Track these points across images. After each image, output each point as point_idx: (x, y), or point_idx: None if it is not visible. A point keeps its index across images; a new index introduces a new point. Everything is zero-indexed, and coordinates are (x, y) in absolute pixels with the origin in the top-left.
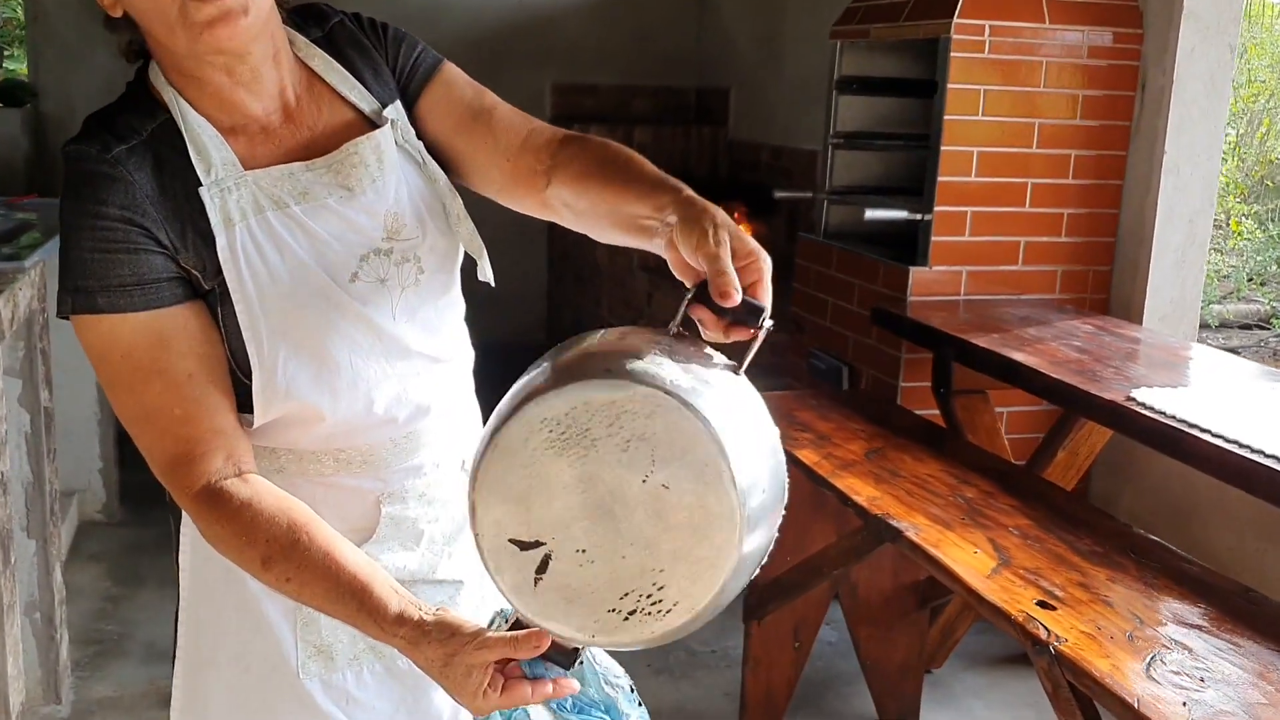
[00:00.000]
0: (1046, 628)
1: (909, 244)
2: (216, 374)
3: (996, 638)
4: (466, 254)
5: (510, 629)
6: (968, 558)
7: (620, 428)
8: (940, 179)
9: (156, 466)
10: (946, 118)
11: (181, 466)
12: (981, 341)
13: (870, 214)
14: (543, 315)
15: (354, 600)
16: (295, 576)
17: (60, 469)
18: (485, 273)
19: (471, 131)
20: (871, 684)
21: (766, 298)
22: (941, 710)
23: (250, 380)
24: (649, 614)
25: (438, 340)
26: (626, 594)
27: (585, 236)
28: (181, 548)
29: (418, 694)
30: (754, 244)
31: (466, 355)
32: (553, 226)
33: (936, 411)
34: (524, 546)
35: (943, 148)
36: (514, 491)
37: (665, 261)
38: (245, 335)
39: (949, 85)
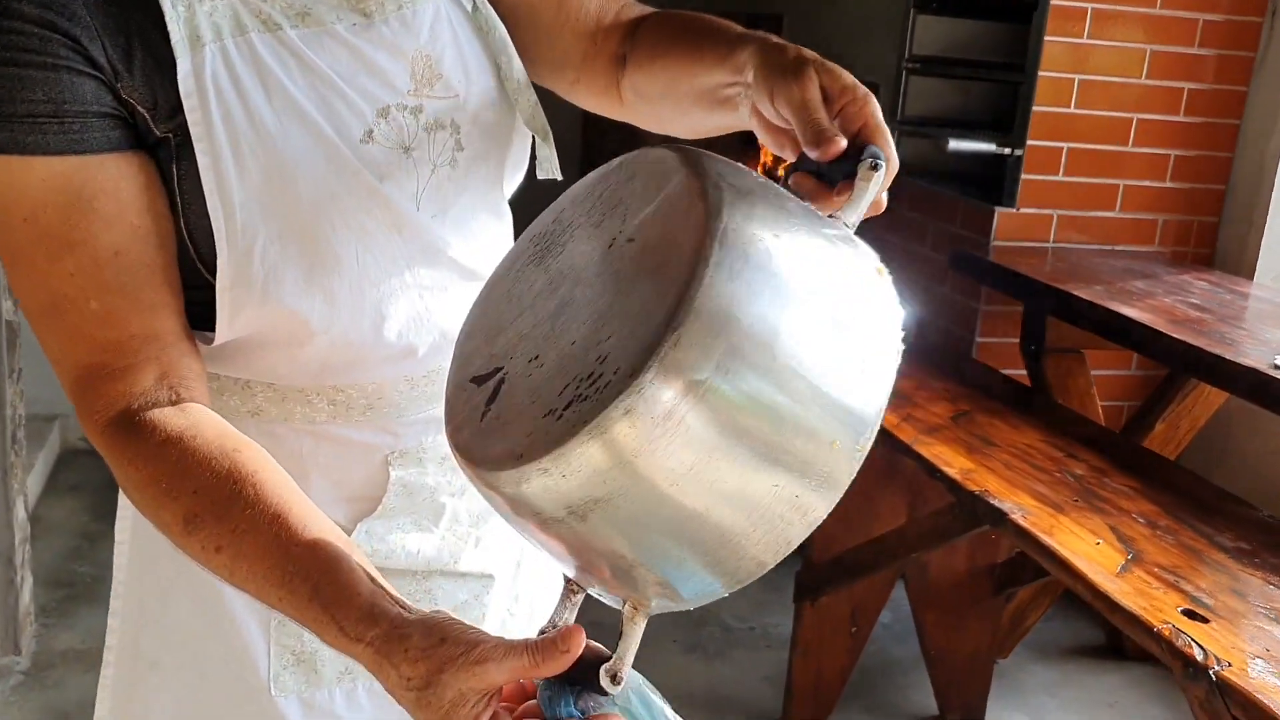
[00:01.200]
0: (1201, 646)
1: (990, 184)
2: (158, 258)
3: (1069, 625)
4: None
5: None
6: (1089, 550)
7: (598, 202)
8: (1035, 109)
9: (65, 382)
10: (1047, 39)
11: (95, 382)
12: (1084, 294)
13: (954, 144)
14: (577, 170)
15: (306, 584)
16: (229, 545)
17: (40, 392)
18: (549, 166)
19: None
20: (935, 675)
21: (879, 137)
22: (1008, 706)
23: (212, 274)
24: (585, 399)
25: (476, 250)
26: (566, 385)
27: (625, 148)
28: (120, 510)
29: None
30: (850, 78)
31: None
32: (587, 133)
33: (1017, 371)
34: (481, 379)
35: (1040, 73)
36: (486, 322)
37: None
38: (210, 205)
39: (1051, 2)
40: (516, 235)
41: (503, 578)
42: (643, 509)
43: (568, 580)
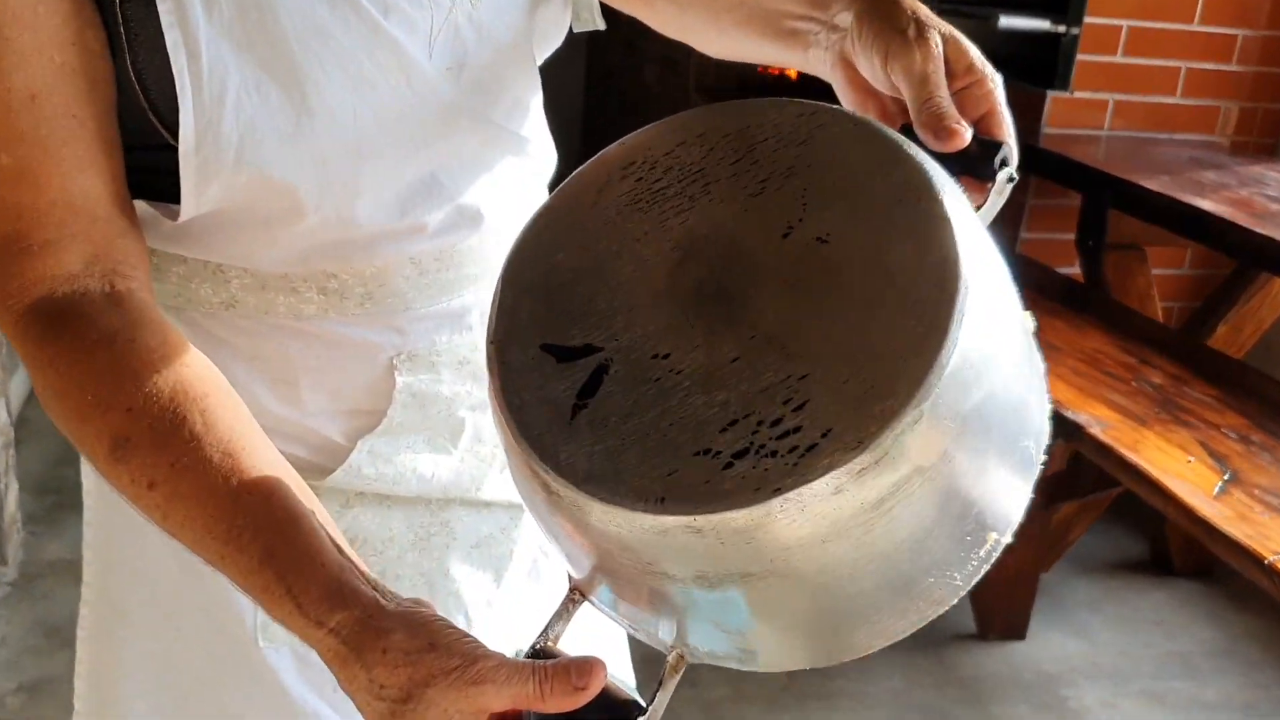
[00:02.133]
0: None
1: (1042, 66)
2: (87, 107)
3: (1112, 539)
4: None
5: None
6: (1181, 468)
7: (753, 163)
8: None
9: None
10: None
11: (6, 259)
12: (1151, 184)
13: (1005, 22)
14: (577, 151)
15: (257, 543)
16: (165, 481)
17: None
18: (590, 15)
19: None
20: (976, 593)
21: (1006, 132)
22: (1049, 623)
23: (173, 133)
24: (771, 455)
25: (499, 107)
26: (734, 422)
27: (632, 52)
28: None
29: None
30: (978, 54)
31: (546, 153)
32: (593, 38)
33: (1066, 269)
34: (565, 355)
35: None
36: (563, 271)
37: (758, 80)
38: (169, 41)
39: None
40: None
41: None
42: (789, 593)
43: (573, 588)
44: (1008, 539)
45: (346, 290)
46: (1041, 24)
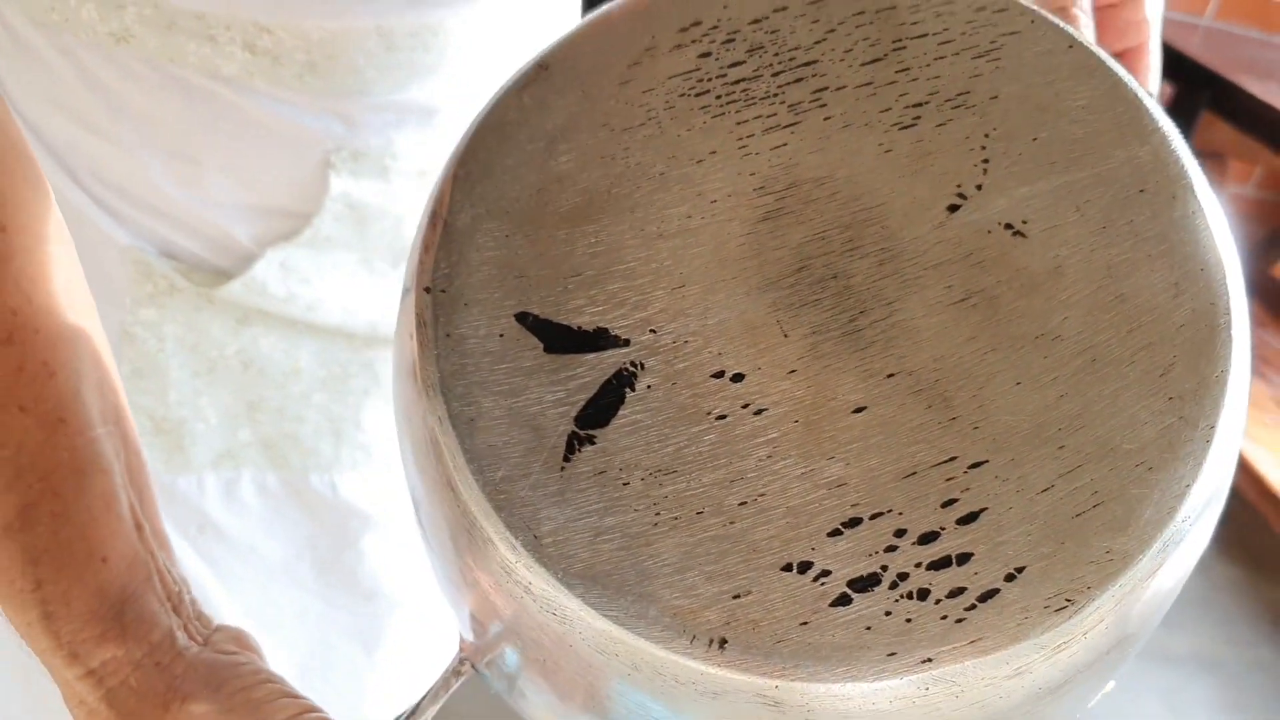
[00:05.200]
0: None
1: None
2: None
3: None
4: None
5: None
6: (1261, 431)
7: (901, 70)
8: None
9: None
10: None
11: None
12: (1260, 91)
13: None
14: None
15: (9, 496)
16: None
17: None
18: None
19: None
20: None
21: (1151, 75)
22: None
23: None
24: (920, 594)
25: None
26: (855, 522)
27: None
28: None
29: (338, 536)
30: None
31: None
32: None
33: None
34: (563, 341)
35: None
36: (567, 190)
37: None
38: None
39: None
40: None
41: None
42: None
43: (461, 658)
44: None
45: (283, 54)
46: None
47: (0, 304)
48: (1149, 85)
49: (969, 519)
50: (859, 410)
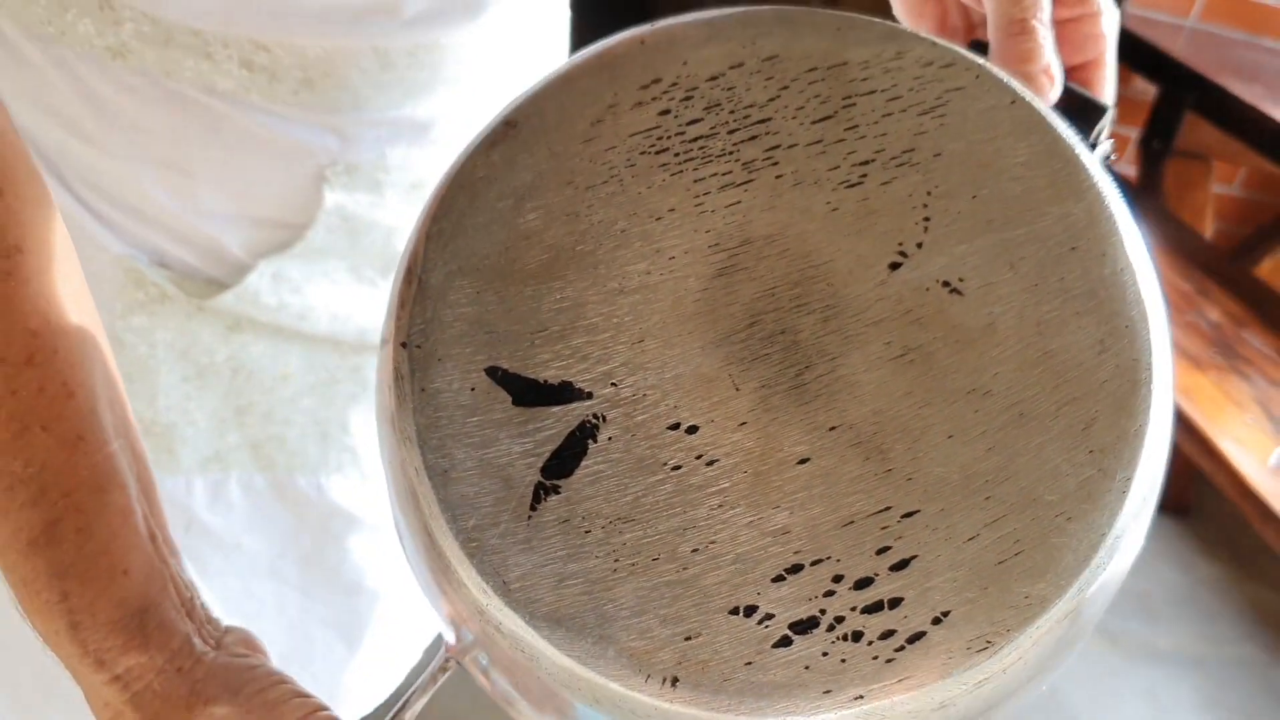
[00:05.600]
0: None
1: None
2: None
3: None
4: None
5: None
6: (1239, 429)
7: (849, 128)
8: None
9: None
10: None
11: None
12: (1244, 93)
13: None
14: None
15: (39, 507)
16: None
17: None
18: None
19: None
20: None
21: (1106, 87)
22: None
23: None
24: (854, 636)
25: None
26: (796, 569)
27: None
28: None
29: (322, 534)
30: None
31: None
32: None
33: (1119, 167)
34: (529, 394)
35: None
36: (533, 246)
37: None
38: None
39: None
40: None
41: None
42: None
43: (447, 656)
44: None
45: (279, 71)
46: None
47: (21, 326)
48: (1106, 97)
49: (901, 566)
50: (803, 462)
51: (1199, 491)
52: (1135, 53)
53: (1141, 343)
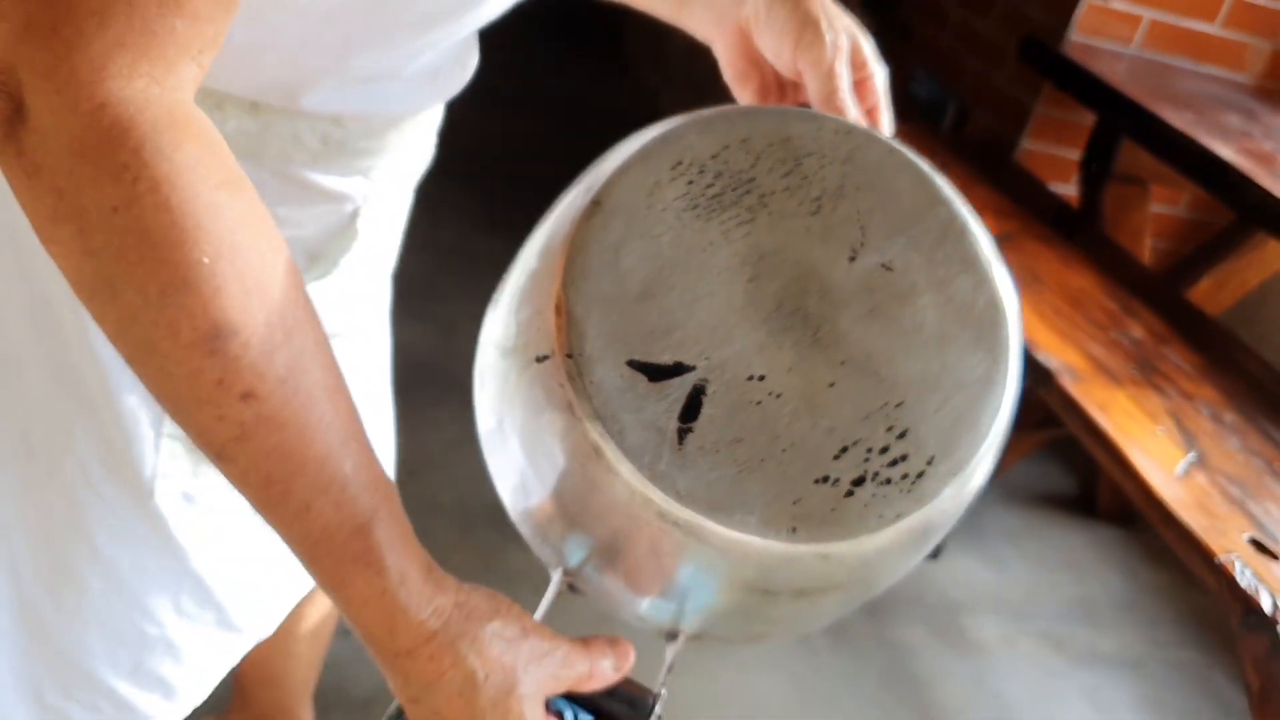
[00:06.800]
0: (1272, 595)
1: None
2: None
3: (1041, 470)
4: None
5: None
6: (1148, 440)
7: (803, 178)
8: None
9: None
10: None
11: (61, 32)
12: (1176, 121)
13: None
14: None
15: (361, 500)
16: (268, 397)
17: None
18: None
19: None
20: None
21: (885, 120)
22: (964, 548)
23: None
24: (887, 483)
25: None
26: (845, 449)
27: None
28: None
29: None
30: (872, 49)
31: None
32: None
33: (1060, 188)
34: (657, 374)
35: None
36: (634, 280)
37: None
38: None
39: None
40: None
41: None
42: (851, 596)
43: (566, 581)
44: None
45: (349, 143)
46: None
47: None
48: (886, 128)
49: (902, 435)
50: (831, 385)
51: None
52: (1075, 80)
53: (995, 283)
